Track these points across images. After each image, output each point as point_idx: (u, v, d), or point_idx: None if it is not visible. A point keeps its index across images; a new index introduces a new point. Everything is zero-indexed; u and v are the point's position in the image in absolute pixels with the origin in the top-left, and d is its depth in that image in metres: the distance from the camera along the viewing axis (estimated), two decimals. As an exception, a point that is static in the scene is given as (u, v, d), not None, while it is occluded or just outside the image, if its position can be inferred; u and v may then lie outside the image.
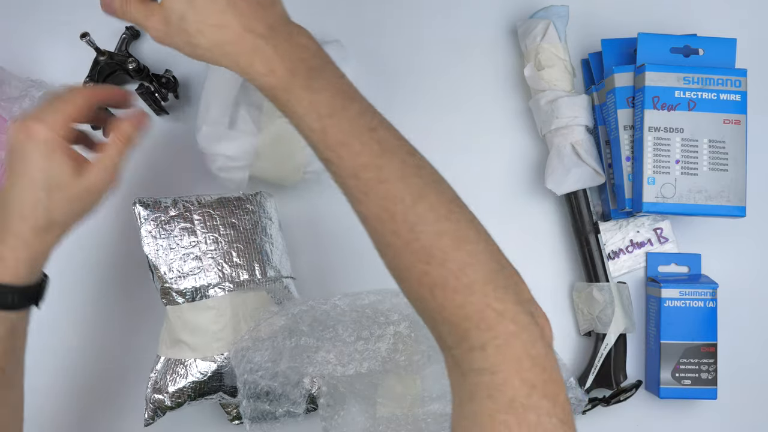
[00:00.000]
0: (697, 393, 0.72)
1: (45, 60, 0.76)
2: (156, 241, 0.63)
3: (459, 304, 0.43)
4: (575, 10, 0.75)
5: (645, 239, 0.76)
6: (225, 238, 0.63)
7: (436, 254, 0.44)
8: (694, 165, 0.70)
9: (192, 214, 0.63)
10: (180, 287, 0.63)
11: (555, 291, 0.76)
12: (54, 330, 0.72)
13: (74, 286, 0.73)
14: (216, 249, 0.63)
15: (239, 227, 0.64)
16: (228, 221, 0.64)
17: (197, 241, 0.63)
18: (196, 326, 0.63)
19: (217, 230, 0.63)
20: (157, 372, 0.64)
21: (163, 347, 0.65)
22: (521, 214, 0.77)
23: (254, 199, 0.66)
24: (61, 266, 0.61)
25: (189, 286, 0.63)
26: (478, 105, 0.77)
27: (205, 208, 0.64)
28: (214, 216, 0.64)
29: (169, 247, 0.63)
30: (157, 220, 0.63)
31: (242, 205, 0.65)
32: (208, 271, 0.63)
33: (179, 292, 0.63)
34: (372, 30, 0.78)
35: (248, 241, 0.64)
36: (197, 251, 0.63)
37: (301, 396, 0.63)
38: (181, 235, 0.63)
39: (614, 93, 0.72)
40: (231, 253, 0.63)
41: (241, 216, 0.64)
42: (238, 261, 0.63)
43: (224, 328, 0.63)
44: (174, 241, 0.63)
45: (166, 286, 0.63)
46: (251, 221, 0.65)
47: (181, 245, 0.63)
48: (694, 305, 0.73)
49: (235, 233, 0.64)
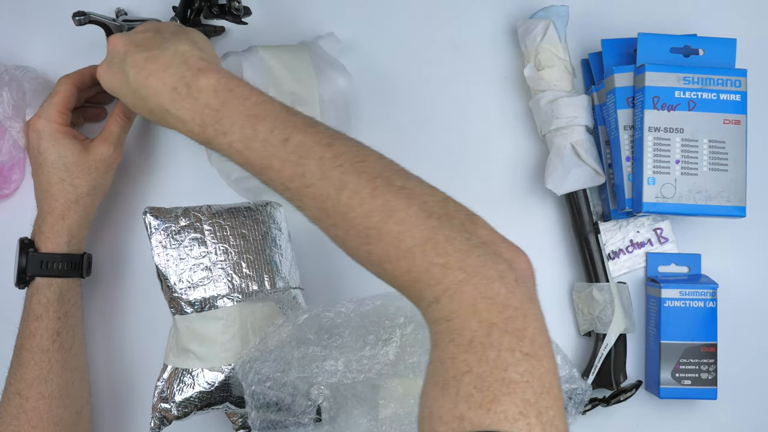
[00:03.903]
0: (697, 393, 0.72)
1: (29, 45, 0.76)
2: (166, 251, 0.63)
3: (406, 269, 0.45)
4: (575, 10, 0.75)
5: (645, 239, 0.76)
6: (235, 248, 0.63)
7: (371, 233, 0.46)
8: (694, 165, 0.70)
9: (202, 224, 0.63)
10: (189, 297, 0.62)
11: (555, 291, 0.76)
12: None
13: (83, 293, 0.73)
14: (226, 259, 0.63)
15: (249, 238, 0.64)
16: (238, 232, 0.63)
17: (207, 251, 0.62)
18: (204, 336, 0.62)
19: (227, 241, 0.63)
20: (163, 381, 0.63)
21: (170, 356, 0.64)
22: (521, 214, 0.77)
23: (264, 210, 0.66)
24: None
25: (198, 297, 0.62)
26: (477, 105, 0.77)
27: (215, 218, 0.63)
28: (224, 226, 0.63)
29: (179, 257, 0.62)
30: (167, 230, 0.63)
31: (252, 215, 0.65)
32: (218, 282, 0.62)
33: (188, 302, 0.62)
34: (372, 30, 0.78)
35: (258, 251, 0.64)
36: (207, 261, 0.62)
37: (309, 406, 0.62)
38: (191, 246, 0.62)
39: (614, 93, 0.72)
40: (241, 264, 0.63)
41: (252, 227, 0.64)
42: (247, 272, 0.63)
43: (232, 338, 0.62)
44: (184, 251, 0.62)
45: (175, 296, 0.63)
46: (261, 232, 0.64)
47: (191, 255, 0.62)
48: (694, 305, 0.73)
49: (245, 244, 0.63)
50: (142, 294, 0.73)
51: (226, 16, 0.74)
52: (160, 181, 0.75)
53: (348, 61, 0.71)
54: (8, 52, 0.75)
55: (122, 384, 0.73)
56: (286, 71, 0.68)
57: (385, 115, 0.77)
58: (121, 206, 0.74)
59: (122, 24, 0.71)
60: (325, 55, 0.71)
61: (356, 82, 0.73)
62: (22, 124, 0.68)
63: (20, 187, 0.74)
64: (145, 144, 0.76)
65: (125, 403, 0.73)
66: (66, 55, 0.75)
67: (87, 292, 0.73)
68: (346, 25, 0.77)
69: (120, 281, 0.74)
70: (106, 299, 0.74)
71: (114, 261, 0.74)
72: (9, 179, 0.72)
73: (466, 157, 0.77)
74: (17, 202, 0.74)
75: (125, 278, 0.74)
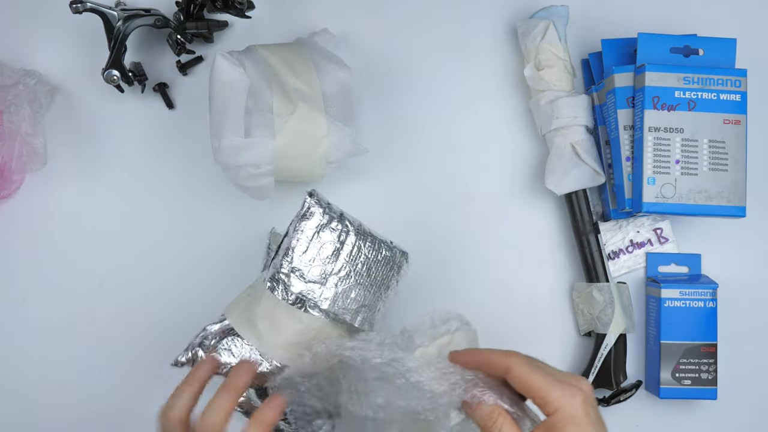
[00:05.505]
0: (697, 393, 0.72)
1: (37, 50, 0.76)
2: (306, 236, 0.61)
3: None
4: (575, 10, 0.75)
5: (645, 239, 0.76)
6: (357, 276, 0.62)
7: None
8: (694, 165, 0.70)
9: (347, 237, 0.62)
10: (293, 286, 0.61)
11: (555, 291, 0.76)
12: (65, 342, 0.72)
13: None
14: (344, 280, 0.62)
15: (373, 274, 0.63)
16: (369, 263, 0.63)
17: (335, 264, 0.62)
18: (278, 325, 0.61)
19: (355, 265, 0.62)
20: (214, 332, 0.62)
21: (234, 313, 0.63)
22: (521, 214, 0.77)
23: (398, 257, 0.65)
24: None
25: (300, 291, 0.61)
26: (477, 105, 0.78)
27: (359, 239, 0.62)
28: (362, 252, 0.62)
29: (310, 247, 0.61)
30: (319, 223, 0.62)
31: (387, 255, 0.64)
32: (325, 293, 0.61)
33: (289, 289, 0.61)
34: (371, 30, 0.78)
35: (371, 290, 0.63)
36: (328, 271, 0.62)
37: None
38: (326, 248, 0.62)
39: (614, 93, 0.72)
40: (351, 292, 0.62)
41: (381, 264, 0.63)
42: (351, 301, 0.62)
43: (297, 345, 0.61)
44: (317, 248, 0.61)
45: (281, 275, 0.61)
46: (385, 275, 0.64)
47: (320, 255, 0.61)
48: (694, 305, 0.73)
49: (367, 278, 0.63)
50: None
51: (230, 10, 0.74)
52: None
53: (348, 60, 0.71)
54: (9, 54, 0.76)
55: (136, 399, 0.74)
56: (287, 68, 0.68)
57: (385, 116, 0.77)
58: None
59: (120, 13, 0.71)
60: (323, 50, 0.71)
61: (356, 81, 0.73)
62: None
63: (20, 188, 0.74)
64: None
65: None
66: (67, 55, 0.76)
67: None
68: (347, 22, 0.77)
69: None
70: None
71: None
72: (10, 180, 0.72)
73: (466, 157, 0.77)
74: (17, 202, 0.74)
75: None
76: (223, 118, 0.65)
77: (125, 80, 0.72)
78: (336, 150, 0.68)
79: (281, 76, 0.68)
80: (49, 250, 0.75)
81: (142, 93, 0.76)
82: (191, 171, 0.76)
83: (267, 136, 0.66)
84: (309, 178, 0.70)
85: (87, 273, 0.75)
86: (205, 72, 0.76)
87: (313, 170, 0.69)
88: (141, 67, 0.75)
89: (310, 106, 0.67)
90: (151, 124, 0.76)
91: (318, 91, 0.68)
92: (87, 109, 0.76)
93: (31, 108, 0.71)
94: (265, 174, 0.67)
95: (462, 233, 0.76)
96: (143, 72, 0.74)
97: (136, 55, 0.76)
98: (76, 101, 0.76)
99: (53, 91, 0.75)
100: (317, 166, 0.69)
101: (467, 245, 0.76)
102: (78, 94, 0.76)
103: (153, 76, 0.76)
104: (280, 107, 0.66)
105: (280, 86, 0.67)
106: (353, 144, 0.69)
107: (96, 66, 0.73)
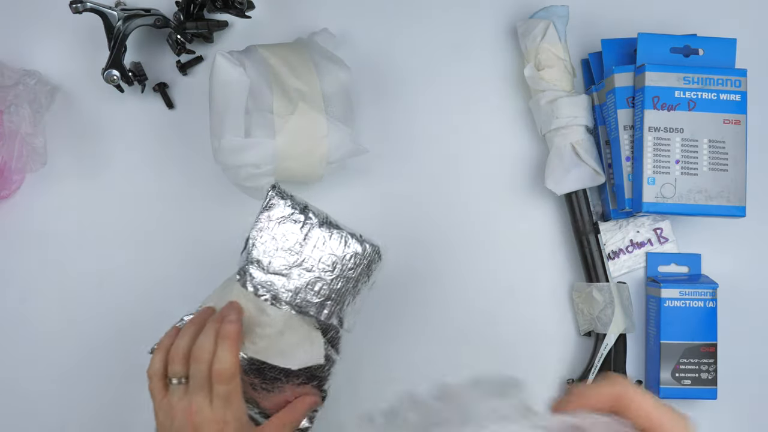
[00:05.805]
0: (697, 393, 0.72)
1: (37, 50, 0.76)
2: (269, 227, 0.62)
3: None
4: (575, 10, 0.75)
5: (645, 239, 0.76)
6: (321, 269, 0.62)
7: None
8: (694, 165, 0.70)
9: (311, 229, 0.62)
10: (255, 278, 0.61)
11: (555, 291, 0.76)
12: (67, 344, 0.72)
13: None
14: (307, 272, 0.62)
15: (338, 266, 0.63)
16: (334, 255, 0.62)
17: (298, 256, 0.62)
18: (247, 317, 0.62)
19: (320, 258, 0.62)
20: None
21: (210, 303, 0.64)
22: (521, 214, 0.77)
23: (368, 252, 0.64)
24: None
25: (263, 281, 0.61)
26: (477, 105, 0.78)
27: (323, 230, 0.62)
28: (327, 245, 0.62)
29: (273, 238, 0.62)
30: (281, 212, 0.62)
31: (356, 250, 0.63)
32: (287, 285, 0.62)
33: (252, 280, 0.62)
34: (371, 30, 0.78)
35: (337, 282, 0.63)
36: (291, 262, 0.62)
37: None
38: (288, 239, 0.62)
39: (614, 93, 0.72)
40: (315, 285, 0.62)
41: (346, 259, 0.63)
42: (316, 294, 0.62)
43: (267, 337, 0.61)
44: (279, 239, 0.62)
45: (246, 266, 0.62)
46: (351, 269, 0.63)
47: (282, 247, 0.62)
48: (694, 305, 0.73)
49: (331, 268, 0.62)
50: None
51: (230, 10, 0.74)
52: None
53: (348, 60, 0.71)
54: (9, 54, 0.76)
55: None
56: (287, 68, 0.68)
57: (385, 116, 0.77)
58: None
59: (120, 13, 0.71)
60: (323, 50, 0.71)
61: (356, 81, 0.73)
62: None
63: (20, 188, 0.74)
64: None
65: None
66: (67, 55, 0.76)
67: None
68: (347, 22, 0.77)
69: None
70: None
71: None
72: (10, 180, 0.72)
73: (466, 157, 0.77)
74: (17, 202, 0.74)
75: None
76: (223, 118, 0.65)
77: (125, 80, 0.72)
78: (336, 150, 0.68)
79: (281, 76, 0.68)
80: (48, 249, 0.75)
81: (142, 93, 0.76)
82: (191, 171, 0.76)
83: (267, 136, 0.66)
84: (309, 178, 0.70)
85: (87, 273, 0.75)
86: (205, 72, 0.76)
87: (313, 170, 0.69)
88: (141, 67, 0.75)
89: (310, 106, 0.67)
90: (151, 124, 0.76)
91: (318, 91, 0.68)
92: (87, 109, 0.76)
93: (31, 108, 0.71)
94: (265, 174, 0.67)
95: (462, 233, 0.76)
96: (143, 72, 0.74)
97: (136, 55, 0.76)
98: (76, 101, 0.76)
99: (53, 91, 0.75)
100: (317, 166, 0.69)
101: (467, 245, 0.76)
102: (78, 94, 0.77)
103: (153, 76, 0.76)
104: (280, 107, 0.66)
105: (280, 86, 0.67)
106: (353, 144, 0.69)
107: (96, 66, 0.73)
